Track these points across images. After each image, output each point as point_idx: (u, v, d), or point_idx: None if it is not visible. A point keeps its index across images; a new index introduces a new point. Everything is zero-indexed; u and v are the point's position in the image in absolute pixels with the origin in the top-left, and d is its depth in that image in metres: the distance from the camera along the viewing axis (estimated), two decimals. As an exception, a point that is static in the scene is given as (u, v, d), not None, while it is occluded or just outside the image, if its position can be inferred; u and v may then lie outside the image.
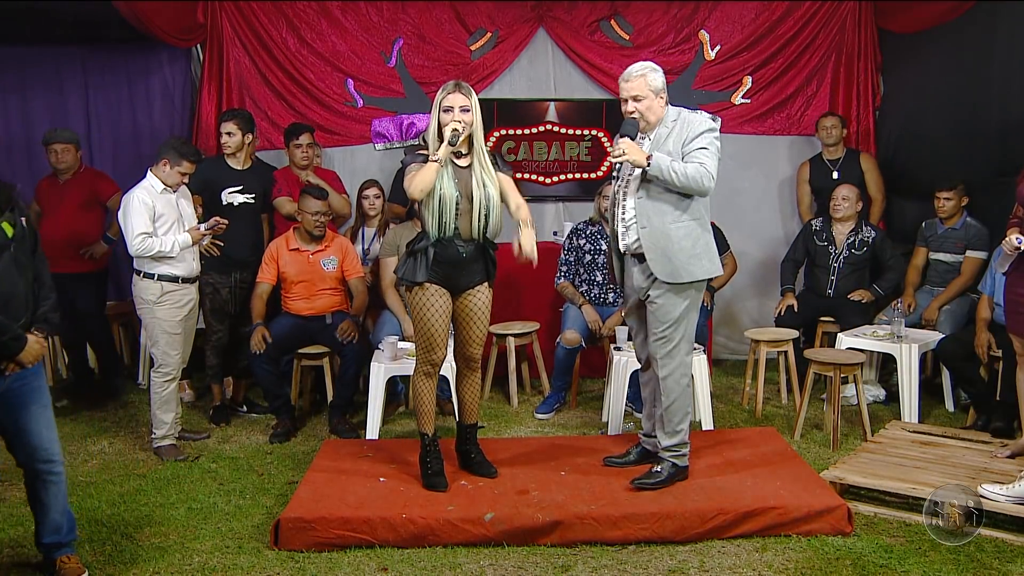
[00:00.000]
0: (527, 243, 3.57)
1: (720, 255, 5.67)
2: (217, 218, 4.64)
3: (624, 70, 3.72)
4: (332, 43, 6.37)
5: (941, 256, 5.39)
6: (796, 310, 5.49)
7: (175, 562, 3.34)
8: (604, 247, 5.26)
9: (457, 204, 3.61)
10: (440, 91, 3.64)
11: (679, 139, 3.63)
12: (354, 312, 5.08)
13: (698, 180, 3.54)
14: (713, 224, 5.69)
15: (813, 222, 5.70)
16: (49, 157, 5.35)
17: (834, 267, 5.52)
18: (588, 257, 5.30)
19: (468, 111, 3.60)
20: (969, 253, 5.21)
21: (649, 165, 3.55)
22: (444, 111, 3.61)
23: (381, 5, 6.37)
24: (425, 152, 3.63)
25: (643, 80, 3.64)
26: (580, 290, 5.31)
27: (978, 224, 5.21)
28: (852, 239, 5.49)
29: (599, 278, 5.29)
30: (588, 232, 5.34)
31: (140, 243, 4.34)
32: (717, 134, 3.64)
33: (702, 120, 3.65)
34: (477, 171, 3.65)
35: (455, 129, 3.55)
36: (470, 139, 3.66)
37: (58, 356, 5.90)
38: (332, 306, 5.05)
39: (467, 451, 3.96)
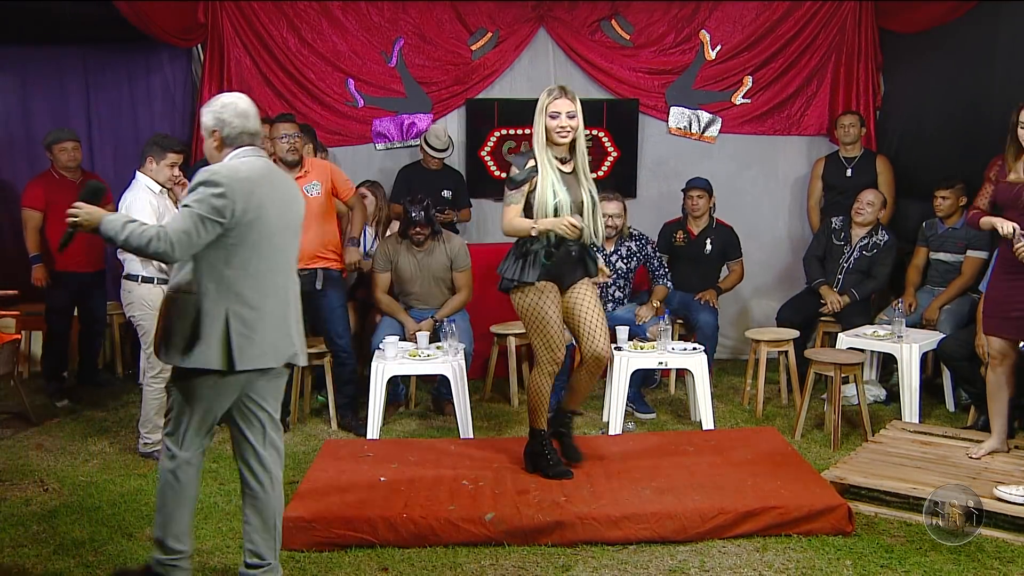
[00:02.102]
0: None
1: (731, 261, 5.76)
2: None
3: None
4: (333, 43, 6.37)
5: (942, 256, 5.39)
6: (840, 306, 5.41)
7: (176, 562, 3.34)
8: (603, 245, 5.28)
9: (570, 207, 3.64)
10: (544, 95, 3.64)
11: None
12: (354, 233, 4.98)
13: (143, 246, 2.70)
14: (730, 227, 5.76)
15: (834, 220, 5.68)
16: (60, 156, 5.33)
17: (843, 267, 5.52)
18: None
19: (574, 117, 3.61)
20: (970, 253, 5.20)
21: (99, 228, 2.77)
22: (551, 116, 3.61)
23: (382, 5, 6.37)
24: (531, 157, 3.66)
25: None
26: None
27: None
28: (866, 241, 5.50)
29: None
30: None
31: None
32: (216, 191, 2.73)
33: (200, 172, 2.82)
34: (580, 175, 3.70)
35: (573, 227, 3.59)
36: (573, 144, 3.68)
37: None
38: (319, 249, 4.76)
39: (564, 433, 3.98)
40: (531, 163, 3.67)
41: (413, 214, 5.05)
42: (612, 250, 5.31)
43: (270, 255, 2.89)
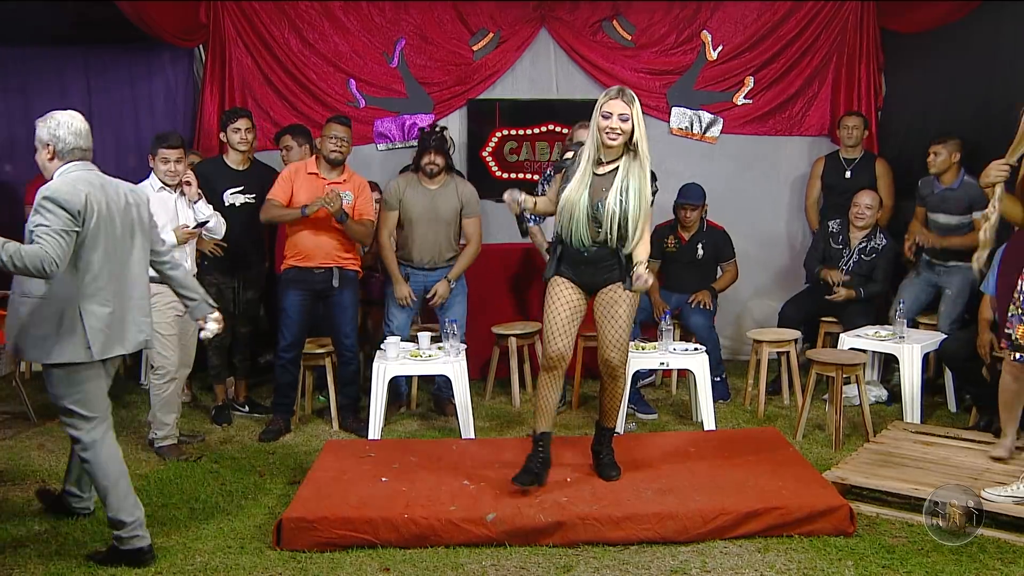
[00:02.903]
0: (639, 281, 3.49)
1: (724, 262, 5.75)
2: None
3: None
4: (334, 43, 6.38)
5: (940, 217, 5.26)
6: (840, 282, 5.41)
7: (177, 562, 3.34)
8: None
9: (585, 210, 3.60)
10: (602, 95, 3.60)
11: None
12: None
13: (26, 266, 2.95)
14: (722, 229, 5.75)
15: (831, 224, 5.67)
16: None
17: (843, 270, 5.52)
18: None
19: (627, 120, 3.53)
20: (976, 215, 5.07)
21: None
22: (603, 117, 3.56)
23: (383, 5, 6.38)
24: (570, 158, 3.69)
25: None
26: None
27: (976, 181, 5.13)
28: (865, 244, 5.49)
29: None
30: None
31: None
32: (63, 205, 3.04)
33: (41, 190, 3.10)
34: (622, 178, 3.58)
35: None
36: (626, 145, 3.61)
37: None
38: (338, 249, 4.78)
39: (598, 451, 3.92)
40: (569, 154, 3.69)
41: (429, 140, 4.96)
42: None
43: (109, 255, 3.23)
